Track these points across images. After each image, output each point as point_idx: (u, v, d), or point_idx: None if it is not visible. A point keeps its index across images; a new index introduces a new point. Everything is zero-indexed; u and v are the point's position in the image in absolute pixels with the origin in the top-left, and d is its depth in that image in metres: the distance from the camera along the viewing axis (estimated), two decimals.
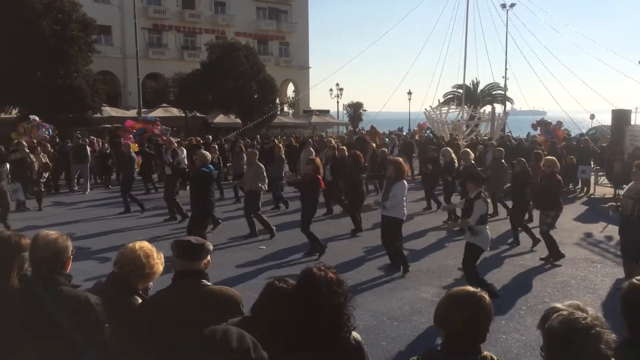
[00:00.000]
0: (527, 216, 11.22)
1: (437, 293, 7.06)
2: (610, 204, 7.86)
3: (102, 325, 2.74)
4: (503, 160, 12.74)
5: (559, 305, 2.01)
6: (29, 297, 2.67)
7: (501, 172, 12.35)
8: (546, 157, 9.77)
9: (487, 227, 7.09)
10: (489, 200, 7.21)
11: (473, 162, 11.83)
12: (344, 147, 13.83)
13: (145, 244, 3.11)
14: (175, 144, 15.15)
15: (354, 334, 2.56)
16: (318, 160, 9.74)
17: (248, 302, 2.79)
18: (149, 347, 2.81)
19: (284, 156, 13.79)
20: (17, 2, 25.78)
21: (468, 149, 12.48)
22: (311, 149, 16.64)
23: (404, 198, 8.23)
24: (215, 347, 1.80)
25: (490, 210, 11.37)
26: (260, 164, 11.10)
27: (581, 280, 7.95)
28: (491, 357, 2.22)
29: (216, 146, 17.91)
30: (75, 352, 2.64)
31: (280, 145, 15.29)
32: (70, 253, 2.85)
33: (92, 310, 2.72)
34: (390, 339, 5.82)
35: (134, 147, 19.36)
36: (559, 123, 23.31)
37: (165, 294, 2.97)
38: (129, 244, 3.11)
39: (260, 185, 10.67)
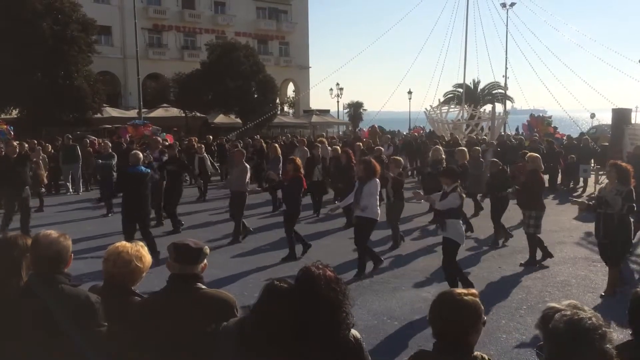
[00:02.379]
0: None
1: (438, 293, 7.07)
2: (581, 201, 7.64)
3: (102, 324, 2.75)
4: (482, 159, 12.78)
5: (557, 305, 2.01)
6: (31, 296, 2.70)
7: (479, 170, 12.35)
8: (528, 154, 9.44)
9: (461, 221, 7.09)
10: (464, 196, 7.15)
11: (466, 162, 11.81)
12: (338, 147, 13.81)
13: (129, 247, 3.05)
14: (161, 144, 14.39)
15: (353, 331, 2.57)
16: (298, 160, 9.55)
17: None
18: (145, 349, 2.82)
19: (280, 156, 13.54)
20: (17, 3, 25.79)
21: (464, 148, 12.48)
22: (305, 148, 16.35)
23: (377, 197, 8.16)
24: None
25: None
26: (247, 164, 10.97)
27: (581, 280, 7.95)
28: (482, 356, 2.24)
29: (202, 146, 17.71)
30: (75, 351, 2.66)
31: (276, 145, 15.21)
32: (70, 252, 2.88)
33: (92, 309, 2.74)
34: (391, 339, 5.82)
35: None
36: (540, 117, 23.63)
37: (160, 297, 2.96)
38: (113, 254, 3.03)
39: (246, 186, 10.49)
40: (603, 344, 1.86)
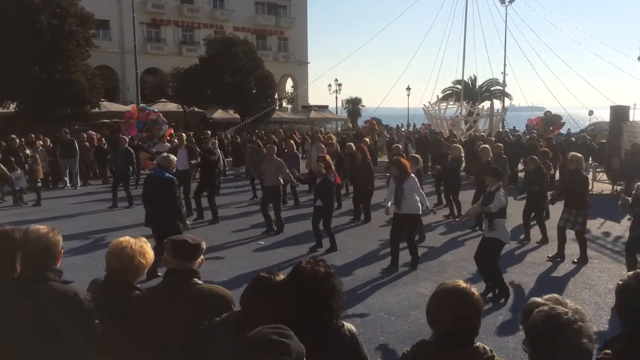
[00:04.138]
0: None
1: (439, 286, 7.06)
2: (626, 198, 7.51)
3: (92, 321, 2.72)
4: (504, 156, 12.79)
5: (538, 299, 2.02)
6: (21, 292, 2.67)
7: (502, 167, 12.36)
8: (571, 154, 9.44)
9: (506, 221, 7.08)
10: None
11: (490, 159, 11.82)
12: (352, 144, 13.96)
13: (132, 242, 3.04)
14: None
15: (349, 325, 2.58)
16: (328, 157, 9.74)
17: None
18: (141, 344, 2.81)
19: (297, 152, 13.79)
20: None
21: (487, 146, 12.44)
22: (322, 144, 16.22)
23: (420, 192, 8.25)
24: None
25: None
26: (279, 159, 11.15)
27: (578, 276, 7.97)
28: (483, 347, 2.23)
29: (216, 141, 17.81)
30: (65, 347, 2.63)
31: (292, 142, 15.36)
32: (60, 248, 2.83)
33: (81, 306, 2.70)
34: (388, 334, 5.84)
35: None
36: (549, 116, 23.82)
37: (157, 293, 2.96)
38: (117, 249, 3.01)
39: (280, 179, 10.76)
40: (579, 339, 1.87)
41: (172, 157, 8.48)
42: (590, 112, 38.98)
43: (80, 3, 29.63)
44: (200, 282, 2.97)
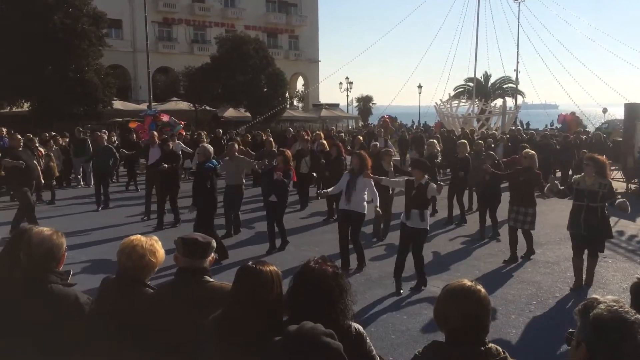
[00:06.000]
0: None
1: (447, 286, 7.04)
2: (555, 182, 7.52)
3: (93, 324, 2.71)
4: (484, 154, 12.88)
5: (599, 297, 2.01)
6: (21, 293, 2.66)
7: (481, 165, 12.39)
8: (524, 151, 9.29)
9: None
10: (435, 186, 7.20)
11: (468, 154, 11.89)
12: (324, 141, 13.90)
13: (143, 240, 3.05)
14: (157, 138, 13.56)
15: (356, 325, 2.57)
16: (288, 152, 9.67)
17: None
18: (151, 342, 2.82)
19: (274, 150, 13.47)
20: None
21: (465, 141, 12.52)
22: (306, 138, 16.20)
23: (374, 190, 8.09)
24: None
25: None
26: (242, 156, 10.92)
27: None
28: (496, 348, 2.21)
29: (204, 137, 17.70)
30: (62, 351, 2.61)
31: (271, 139, 15.18)
32: (64, 250, 2.81)
33: (82, 310, 2.68)
34: (400, 333, 5.82)
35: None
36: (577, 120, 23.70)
37: (168, 291, 2.97)
38: (127, 247, 3.02)
39: (243, 179, 10.49)
40: None
41: (208, 146, 9.01)
42: (604, 110, 38.62)
43: (93, 2, 29.87)
44: (211, 279, 2.98)
